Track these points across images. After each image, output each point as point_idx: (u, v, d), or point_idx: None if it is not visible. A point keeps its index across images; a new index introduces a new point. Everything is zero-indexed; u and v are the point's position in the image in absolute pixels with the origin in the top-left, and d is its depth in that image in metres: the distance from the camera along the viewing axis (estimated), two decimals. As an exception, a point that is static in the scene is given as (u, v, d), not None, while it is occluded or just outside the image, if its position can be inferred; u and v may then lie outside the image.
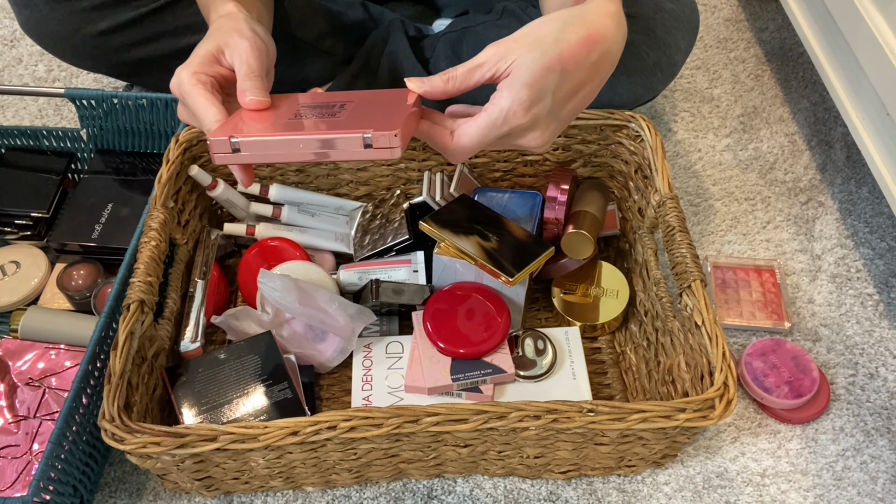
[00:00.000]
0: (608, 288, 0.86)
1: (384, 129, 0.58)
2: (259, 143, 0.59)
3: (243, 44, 0.66)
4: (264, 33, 0.69)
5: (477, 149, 0.61)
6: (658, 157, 0.79)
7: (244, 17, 0.70)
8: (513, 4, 0.98)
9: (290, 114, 0.63)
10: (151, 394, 0.73)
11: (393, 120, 0.59)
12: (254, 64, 0.65)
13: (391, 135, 0.57)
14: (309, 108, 0.65)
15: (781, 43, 1.26)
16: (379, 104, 0.64)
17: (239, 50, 0.65)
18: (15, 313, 0.84)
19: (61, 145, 0.98)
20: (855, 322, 0.91)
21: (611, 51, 0.63)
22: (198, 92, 0.63)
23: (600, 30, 0.61)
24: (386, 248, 0.87)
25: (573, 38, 0.60)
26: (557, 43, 0.60)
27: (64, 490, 0.69)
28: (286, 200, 0.90)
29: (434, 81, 0.61)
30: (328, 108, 0.64)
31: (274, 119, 0.63)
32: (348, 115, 0.62)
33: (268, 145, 0.59)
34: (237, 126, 0.61)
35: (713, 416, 0.63)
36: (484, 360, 0.77)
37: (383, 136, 0.58)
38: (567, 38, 0.60)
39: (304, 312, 0.78)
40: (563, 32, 0.60)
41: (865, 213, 1.02)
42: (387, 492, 0.77)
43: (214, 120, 0.62)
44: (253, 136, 0.59)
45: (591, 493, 0.77)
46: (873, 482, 0.78)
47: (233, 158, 0.60)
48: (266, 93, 0.65)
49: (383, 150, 0.58)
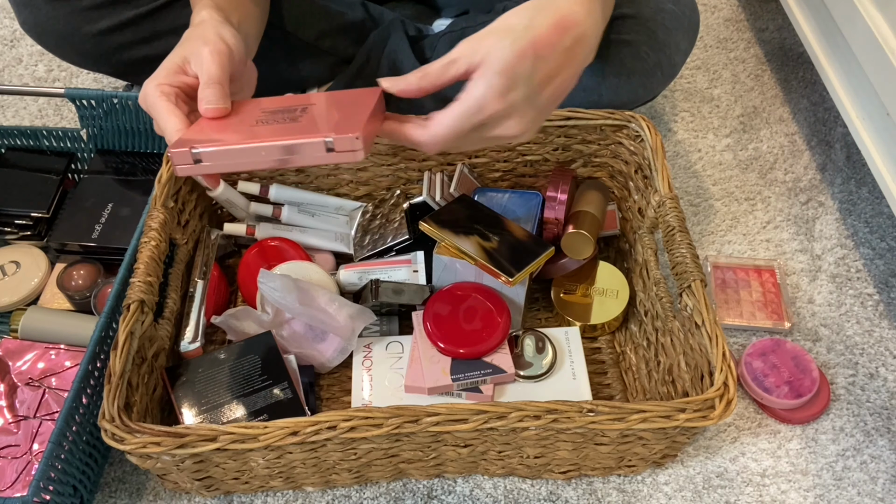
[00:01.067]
0: (608, 288, 0.86)
1: (345, 132, 0.57)
2: (220, 153, 0.58)
3: (204, 51, 0.65)
4: (233, 37, 0.68)
5: (451, 139, 0.61)
6: (658, 157, 0.79)
7: (214, 22, 0.69)
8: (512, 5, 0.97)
9: (252, 120, 0.63)
10: (151, 394, 0.73)
11: (354, 122, 0.59)
12: (213, 71, 0.64)
13: (352, 138, 0.57)
14: (271, 113, 0.64)
15: (781, 43, 1.26)
16: (341, 106, 0.64)
17: (200, 58, 0.65)
18: (15, 313, 0.84)
19: (61, 145, 0.98)
20: (855, 322, 0.91)
21: (585, 35, 0.63)
22: (160, 104, 0.63)
23: (570, 15, 0.61)
24: (386, 248, 0.87)
25: (544, 24, 0.60)
26: (528, 30, 0.60)
27: (64, 490, 0.69)
28: (286, 200, 0.90)
29: (408, 79, 0.61)
30: (290, 112, 0.63)
31: (236, 127, 0.62)
32: (309, 119, 0.61)
33: (229, 154, 0.58)
34: (199, 136, 0.60)
35: (713, 416, 0.63)
36: (484, 360, 0.77)
37: (344, 139, 0.57)
38: (538, 24, 0.60)
39: (304, 312, 0.78)
40: (534, 19, 0.60)
41: (865, 213, 1.02)
42: (387, 492, 0.77)
43: (175, 130, 0.62)
44: (214, 147, 0.58)
45: (591, 493, 0.77)
46: (873, 482, 0.78)
47: (195, 170, 0.59)
48: (224, 99, 0.64)
49: (346, 154, 0.58)
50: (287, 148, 0.58)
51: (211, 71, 0.64)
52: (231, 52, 0.66)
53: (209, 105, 0.63)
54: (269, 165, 0.59)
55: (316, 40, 1.00)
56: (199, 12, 0.72)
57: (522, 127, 0.62)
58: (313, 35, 1.00)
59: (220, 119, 0.64)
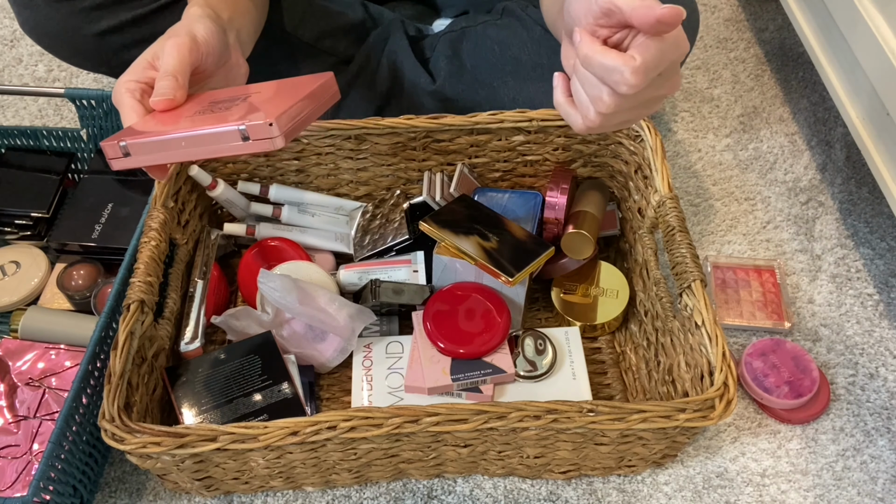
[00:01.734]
0: (608, 288, 0.86)
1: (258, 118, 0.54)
2: (145, 145, 0.57)
3: (168, 44, 0.64)
4: (206, 31, 0.67)
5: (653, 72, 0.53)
6: (658, 157, 0.79)
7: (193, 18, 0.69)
8: (513, 4, 0.98)
9: (193, 111, 0.61)
10: (151, 394, 0.73)
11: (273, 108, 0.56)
12: (170, 63, 0.63)
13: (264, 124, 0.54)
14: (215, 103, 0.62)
15: (781, 43, 1.26)
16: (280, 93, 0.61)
17: (164, 52, 0.64)
18: (15, 313, 0.84)
19: (61, 145, 0.98)
20: (855, 322, 0.91)
21: None
22: (124, 100, 0.63)
23: None
24: (386, 248, 0.87)
25: None
26: None
27: (64, 490, 0.69)
28: (286, 200, 0.90)
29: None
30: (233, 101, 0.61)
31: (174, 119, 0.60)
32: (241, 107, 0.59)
33: (153, 146, 0.57)
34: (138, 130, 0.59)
35: (713, 416, 0.63)
36: (484, 360, 0.77)
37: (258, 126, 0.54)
38: None
39: (304, 312, 0.78)
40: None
41: (865, 213, 1.02)
42: (387, 492, 0.77)
43: None
44: (139, 139, 0.57)
45: (591, 493, 0.77)
46: (873, 482, 0.78)
47: (126, 163, 0.58)
48: (173, 91, 0.63)
49: (262, 142, 0.55)
50: (203, 138, 0.56)
51: (167, 63, 0.63)
52: (196, 45, 0.66)
53: (156, 97, 0.62)
54: (193, 157, 0.57)
55: (316, 40, 1.00)
56: (188, 8, 0.72)
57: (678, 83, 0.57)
58: (313, 35, 1.00)
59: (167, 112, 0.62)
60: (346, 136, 0.84)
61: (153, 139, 0.57)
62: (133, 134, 0.58)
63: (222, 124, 0.55)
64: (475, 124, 0.83)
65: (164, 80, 0.63)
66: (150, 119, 0.61)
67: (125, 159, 0.58)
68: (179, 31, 0.66)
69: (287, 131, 0.55)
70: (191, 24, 0.68)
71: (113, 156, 0.58)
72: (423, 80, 0.97)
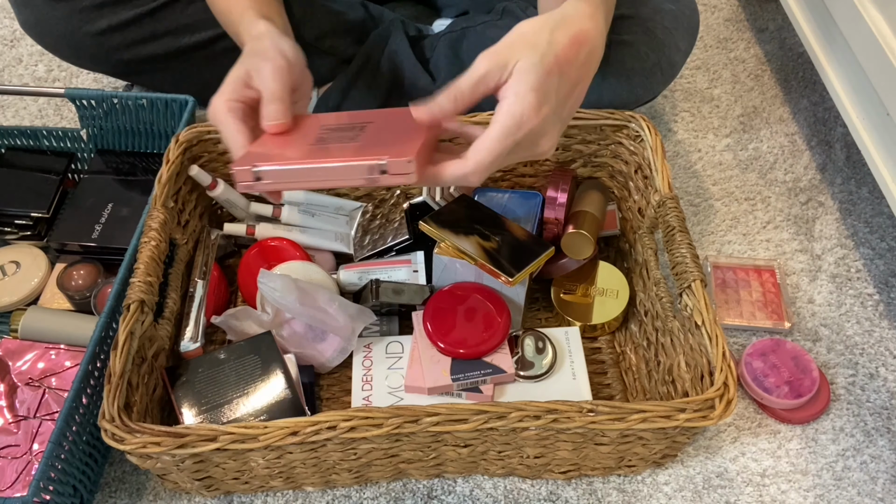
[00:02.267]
0: (608, 288, 0.86)
1: (399, 155, 0.58)
2: (280, 172, 0.60)
3: (266, 68, 0.66)
4: (291, 49, 0.70)
5: (495, 163, 0.61)
6: (658, 157, 0.79)
7: (272, 35, 0.71)
8: (513, 5, 0.98)
9: (313, 138, 0.64)
10: (151, 394, 0.73)
11: (409, 145, 0.60)
12: (274, 87, 0.65)
13: (405, 161, 0.58)
14: (331, 130, 0.65)
15: (781, 43, 1.26)
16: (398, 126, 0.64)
17: (262, 74, 0.66)
18: (15, 313, 0.84)
19: (61, 145, 0.98)
20: (855, 322, 0.91)
21: (595, 50, 0.64)
22: (228, 120, 0.65)
23: (584, 30, 0.63)
24: (386, 248, 0.87)
25: (563, 40, 0.61)
26: (551, 45, 0.61)
27: (64, 490, 0.69)
28: (286, 200, 0.90)
29: (442, 105, 0.61)
30: (349, 130, 0.65)
31: (297, 144, 0.63)
32: (367, 140, 0.63)
33: (289, 174, 0.60)
34: (261, 153, 0.62)
35: (713, 416, 0.63)
36: (484, 360, 0.77)
37: (398, 162, 0.58)
38: (558, 40, 0.61)
39: (304, 312, 0.78)
40: (554, 35, 0.61)
41: (865, 213, 1.02)
42: (387, 492, 0.77)
43: (240, 147, 0.64)
44: (274, 165, 0.60)
45: (591, 493, 0.77)
46: (873, 482, 0.78)
47: (256, 187, 0.61)
48: (285, 115, 0.65)
49: (399, 177, 0.59)
50: (343, 170, 0.59)
51: (272, 88, 0.65)
52: (290, 65, 0.68)
53: (270, 122, 0.65)
54: (326, 185, 0.61)
55: (316, 40, 1.00)
56: (254, 25, 0.73)
57: (553, 142, 0.63)
58: (313, 35, 1.00)
59: (281, 135, 0.65)
60: (346, 136, 0.84)
61: (290, 167, 0.60)
62: (260, 159, 0.60)
63: (362, 158, 0.59)
64: (475, 124, 0.83)
65: (273, 105, 0.65)
66: (267, 142, 0.64)
67: (255, 183, 0.61)
68: (269, 53, 0.68)
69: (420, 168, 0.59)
70: (276, 43, 0.70)
71: (242, 180, 0.61)
72: (423, 80, 0.97)
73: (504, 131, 0.59)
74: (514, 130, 0.59)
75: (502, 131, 0.59)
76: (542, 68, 0.59)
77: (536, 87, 0.59)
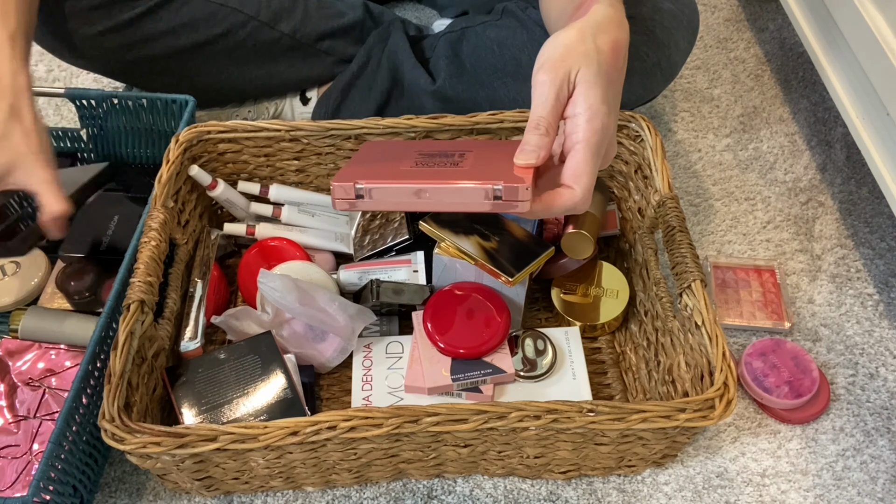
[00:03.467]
0: (608, 288, 0.86)
1: (514, 181, 0.56)
2: (384, 191, 0.58)
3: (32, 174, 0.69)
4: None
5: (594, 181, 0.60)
6: (658, 157, 0.79)
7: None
8: (513, 5, 0.98)
9: (411, 161, 0.63)
10: (151, 394, 0.73)
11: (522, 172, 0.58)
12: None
13: (523, 188, 0.56)
14: (427, 155, 0.64)
15: (781, 43, 1.26)
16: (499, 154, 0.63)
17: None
18: (15, 313, 0.84)
19: (61, 145, 0.98)
20: (855, 322, 0.91)
21: (627, 55, 0.65)
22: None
23: (619, 37, 0.63)
24: (386, 248, 0.87)
25: (606, 49, 0.61)
26: (600, 54, 0.60)
27: (64, 490, 0.69)
28: (286, 200, 0.90)
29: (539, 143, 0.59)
30: (448, 156, 0.63)
31: (395, 166, 0.62)
32: (472, 165, 0.61)
33: (392, 192, 0.58)
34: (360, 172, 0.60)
35: (713, 416, 0.63)
36: (484, 360, 0.77)
37: (513, 188, 0.56)
38: (602, 48, 0.61)
39: (304, 312, 0.78)
40: (597, 43, 0.61)
41: (865, 213, 1.02)
42: (387, 492, 0.77)
43: None
44: (377, 184, 0.58)
45: (591, 493, 0.77)
46: (873, 482, 0.78)
47: (355, 204, 0.59)
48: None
49: (510, 203, 0.57)
50: (452, 191, 0.58)
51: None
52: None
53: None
54: (427, 208, 0.59)
55: (316, 41, 1.01)
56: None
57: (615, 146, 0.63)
58: (313, 35, 1.00)
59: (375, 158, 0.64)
60: (346, 136, 0.84)
61: (394, 186, 0.58)
62: (361, 176, 0.59)
63: (473, 181, 0.57)
64: (475, 124, 0.83)
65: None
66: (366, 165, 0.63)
67: (355, 200, 0.59)
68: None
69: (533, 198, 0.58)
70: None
71: (342, 196, 0.59)
72: (423, 81, 0.97)
73: (594, 149, 0.59)
74: (601, 146, 0.59)
75: (593, 150, 0.59)
76: (604, 78, 0.59)
77: (604, 98, 0.59)
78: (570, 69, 0.59)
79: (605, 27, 0.62)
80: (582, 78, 0.59)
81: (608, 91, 0.60)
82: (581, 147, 0.59)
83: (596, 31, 0.62)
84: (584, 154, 0.59)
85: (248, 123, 0.83)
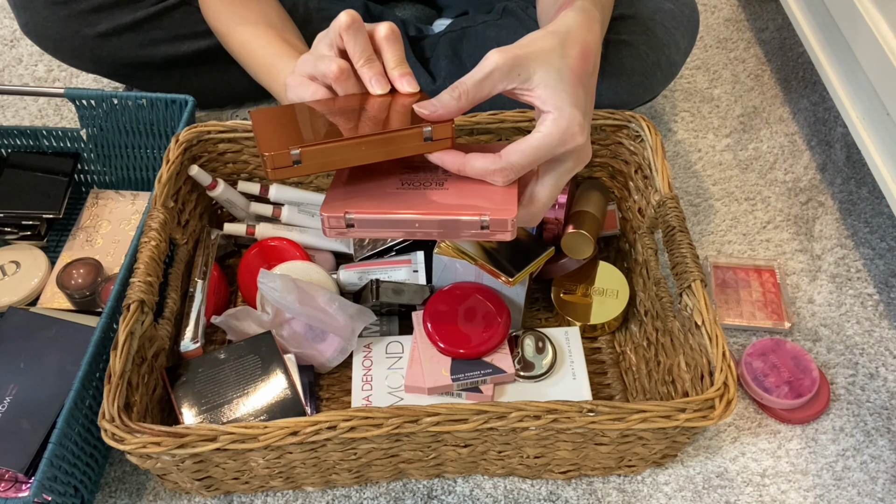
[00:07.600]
0: (608, 288, 0.86)
1: (501, 214, 0.59)
2: (374, 221, 0.60)
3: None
4: None
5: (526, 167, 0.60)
6: (658, 157, 0.79)
7: None
8: (513, 4, 0.98)
9: (396, 182, 0.63)
10: (151, 394, 0.73)
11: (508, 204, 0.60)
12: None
13: (510, 220, 0.58)
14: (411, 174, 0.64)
15: (781, 43, 1.26)
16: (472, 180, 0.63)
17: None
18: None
19: (61, 145, 0.98)
20: (855, 322, 0.91)
21: (597, 61, 0.65)
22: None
23: (588, 43, 0.63)
24: (386, 248, 0.87)
25: (574, 54, 0.61)
26: (566, 59, 0.60)
27: (65, 490, 0.69)
28: (286, 200, 0.90)
29: (444, 101, 0.60)
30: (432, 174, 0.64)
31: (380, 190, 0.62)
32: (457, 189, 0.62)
33: (383, 223, 0.60)
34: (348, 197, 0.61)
35: (713, 416, 0.63)
36: (484, 360, 0.77)
37: (501, 220, 0.58)
38: (569, 54, 0.61)
39: (304, 312, 0.78)
40: (565, 49, 0.61)
41: (865, 213, 1.02)
42: (387, 492, 0.77)
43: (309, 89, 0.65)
44: (368, 214, 0.59)
45: (591, 493, 0.77)
46: (873, 482, 0.78)
47: (346, 233, 0.61)
48: None
49: (497, 233, 0.59)
50: (443, 223, 0.60)
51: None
52: None
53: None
54: (417, 237, 0.61)
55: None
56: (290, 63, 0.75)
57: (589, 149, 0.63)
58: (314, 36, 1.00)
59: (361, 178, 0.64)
60: (346, 136, 0.84)
61: (384, 217, 0.60)
62: (350, 205, 0.60)
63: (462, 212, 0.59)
64: (475, 124, 0.83)
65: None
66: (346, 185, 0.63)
67: (345, 230, 0.61)
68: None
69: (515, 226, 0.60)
70: None
71: (333, 226, 0.60)
72: (423, 81, 0.97)
73: (545, 140, 0.59)
74: (557, 144, 0.59)
75: (543, 140, 0.59)
76: (569, 82, 0.59)
77: (574, 102, 0.59)
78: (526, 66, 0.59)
79: (574, 34, 0.62)
80: (543, 80, 0.59)
81: (577, 94, 0.59)
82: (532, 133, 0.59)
83: (565, 39, 0.61)
84: (530, 138, 0.59)
85: (249, 123, 0.83)
